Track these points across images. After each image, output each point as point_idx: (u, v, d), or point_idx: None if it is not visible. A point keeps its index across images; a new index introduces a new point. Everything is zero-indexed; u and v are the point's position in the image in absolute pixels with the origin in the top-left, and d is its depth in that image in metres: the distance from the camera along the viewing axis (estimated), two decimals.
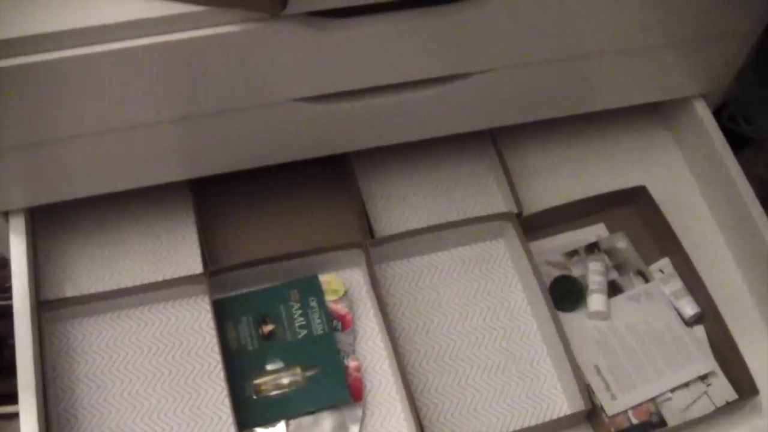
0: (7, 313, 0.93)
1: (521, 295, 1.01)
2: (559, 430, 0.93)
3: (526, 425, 0.93)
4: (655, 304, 1.00)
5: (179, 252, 1.00)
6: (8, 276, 0.92)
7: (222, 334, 0.94)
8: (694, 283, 1.01)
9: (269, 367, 0.94)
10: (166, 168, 0.92)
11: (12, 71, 0.73)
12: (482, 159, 1.11)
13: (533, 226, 1.03)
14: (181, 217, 1.03)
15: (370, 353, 0.96)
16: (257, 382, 0.93)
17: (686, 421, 0.92)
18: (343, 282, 0.99)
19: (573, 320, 0.99)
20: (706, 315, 1.00)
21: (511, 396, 0.95)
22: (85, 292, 0.96)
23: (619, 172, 1.11)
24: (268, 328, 0.96)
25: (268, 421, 0.91)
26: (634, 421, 0.93)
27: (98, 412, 0.91)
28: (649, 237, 1.06)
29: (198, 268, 0.98)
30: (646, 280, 1.02)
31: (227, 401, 0.90)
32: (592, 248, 1.04)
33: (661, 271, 1.03)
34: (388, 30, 0.82)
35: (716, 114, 1.10)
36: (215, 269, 0.95)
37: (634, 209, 1.08)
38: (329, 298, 0.98)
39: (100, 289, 0.96)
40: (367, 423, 0.92)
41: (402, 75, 0.88)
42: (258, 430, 0.90)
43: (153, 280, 0.97)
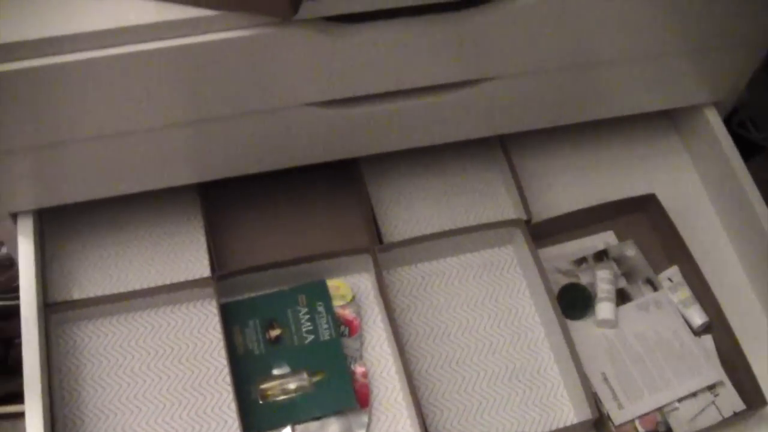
0: (15, 312, 0.93)
1: (529, 302, 1.01)
2: None
3: None
4: (664, 313, 1.00)
5: (187, 255, 1.00)
6: (15, 276, 0.92)
7: (229, 338, 0.94)
8: (702, 292, 1.00)
9: (276, 371, 0.93)
10: (176, 171, 0.92)
11: (25, 73, 0.73)
12: (491, 165, 1.10)
13: (542, 233, 1.03)
14: (189, 220, 1.02)
15: (377, 359, 0.96)
16: (263, 386, 0.92)
17: None
18: (351, 287, 0.99)
19: (581, 328, 0.99)
20: (715, 324, 0.99)
21: (517, 403, 0.95)
22: (92, 294, 0.96)
23: (629, 179, 1.11)
24: (275, 332, 0.96)
25: (274, 426, 0.91)
26: (641, 430, 0.93)
27: (104, 414, 0.91)
28: (658, 245, 1.06)
29: (205, 271, 0.98)
30: (655, 288, 1.02)
31: (233, 405, 0.90)
32: (600, 256, 1.04)
33: (670, 279, 1.03)
34: (400, 36, 0.81)
35: (726, 120, 1.10)
36: (223, 273, 0.95)
37: (643, 217, 1.08)
38: (337, 303, 0.97)
39: (107, 291, 0.96)
40: (373, 429, 0.92)
41: (413, 81, 0.88)
42: None
43: (160, 283, 0.97)
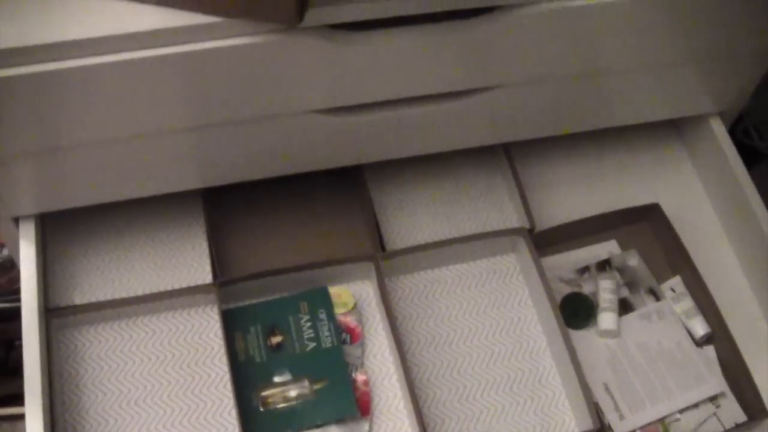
0: (16, 314, 0.93)
1: (531, 311, 1.01)
2: None
3: None
4: (666, 323, 1.00)
5: (189, 261, 1.00)
6: (17, 277, 0.92)
7: (230, 344, 0.94)
8: (705, 303, 1.00)
9: (277, 378, 0.93)
10: (179, 177, 0.92)
11: (29, 78, 0.73)
12: (495, 173, 1.10)
13: (545, 241, 1.03)
14: (191, 225, 1.02)
15: (378, 367, 0.96)
16: (264, 393, 0.92)
17: None
18: (353, 294, 0.99)
19: (583, 338, 0.99)
20: (717, 335, 0.99)
21: (519, 412, 0.95)
22: (93, 299, 0.96)
23: (633, 188, 1.11)
24: (276, 339, 0.95)
25: None
26: None
27: (104, 420, 0.90)
28: (662, 255, 1.05)
29: (207, 277, 0.98)
30: (658, 298, 1.02)
31: (234, 412, 0.90)
32: (603, 265, 1.03)
33: (673, 289, 1.02)
34: (405, 44, 0.81)
35: (730, 128, 1.10)
36: (225, 279, 0.94)
37: (646, 226, 1.07)
38: (339, 310, 0.97)
39: (108, 296, 0.96)
40: None
41: (418, 89, 0.88)
42: None
43: (162, 288, 0.97)
